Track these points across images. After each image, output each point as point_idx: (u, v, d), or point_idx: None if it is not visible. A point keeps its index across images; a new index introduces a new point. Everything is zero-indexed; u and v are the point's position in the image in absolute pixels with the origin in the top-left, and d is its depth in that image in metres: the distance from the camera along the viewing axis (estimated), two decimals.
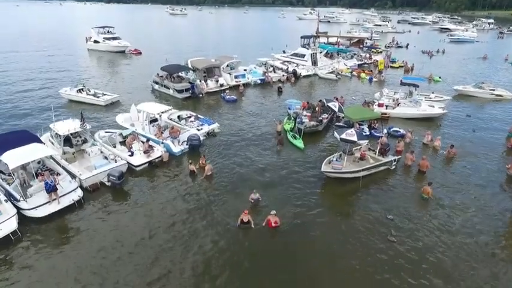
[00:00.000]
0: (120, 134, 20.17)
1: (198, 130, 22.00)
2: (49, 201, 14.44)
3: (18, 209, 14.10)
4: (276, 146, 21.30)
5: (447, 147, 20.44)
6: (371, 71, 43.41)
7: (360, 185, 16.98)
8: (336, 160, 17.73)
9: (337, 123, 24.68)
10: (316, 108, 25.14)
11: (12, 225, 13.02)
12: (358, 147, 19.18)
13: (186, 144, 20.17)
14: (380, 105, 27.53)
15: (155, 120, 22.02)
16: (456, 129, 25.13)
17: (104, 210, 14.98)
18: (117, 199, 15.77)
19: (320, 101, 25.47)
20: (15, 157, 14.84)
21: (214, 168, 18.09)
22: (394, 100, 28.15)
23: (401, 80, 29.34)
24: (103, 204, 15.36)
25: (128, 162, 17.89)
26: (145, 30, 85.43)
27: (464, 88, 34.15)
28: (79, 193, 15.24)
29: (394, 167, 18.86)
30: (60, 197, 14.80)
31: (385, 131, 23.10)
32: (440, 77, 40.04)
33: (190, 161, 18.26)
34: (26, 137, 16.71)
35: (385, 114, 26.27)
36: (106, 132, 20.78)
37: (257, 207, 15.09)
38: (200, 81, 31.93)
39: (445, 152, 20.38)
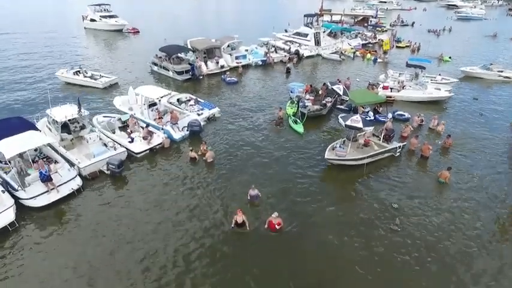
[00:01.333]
0: (119, 119, 19.67)
1: (199, 115, 21.48)
2: (47, 191, 14.17)
3: (17, 198, 13.85)
4: (274, 126, 21.00)
5: (444, 138, 19.57)
6: (375, 51, 42.21)
7: (364, 172, 16.66)
8: (340, 146, 17.30)
9: (338, 106, 24.10)
10: (320, 92, 24.44)
11: (9, 216, 12.79)
12: (363, 133, 18.72)
13: (187, 130, 19.70)
14: (385, 88, 26.82)
15: (154, 104, 21.45)
16: (463, 113, 24.52)
17: (103, 199, 14.73)
18: (117, 187, 15.50)
19: (324, 84, 24.74)
20: (11, 146, 14.43)
21: (215, 155, 17.74)
22: (399, 82, 27.40)
23: (407, 62, 28.47)
24: (103, 193, 15.10)
25: (127, 149, 17.53)
26: (143, 8, 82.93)
27: (472, 70, 33.23)
28: (78, 182, 14.96)
29: (398, 153, 18.45)
30: (60, 185, 14.54)
31: (390, 115, 22.54)
32: (450, 57, 39.03)
33: (191, 148, 17.86)
34: (21, 124, 16.27)
35: (390, 97, 25.57)
36: (104, 116, 20.26)
37: (256, 204, 14.30)
38: (196, 58, 30.90)
39: (441, 142, 19.55)
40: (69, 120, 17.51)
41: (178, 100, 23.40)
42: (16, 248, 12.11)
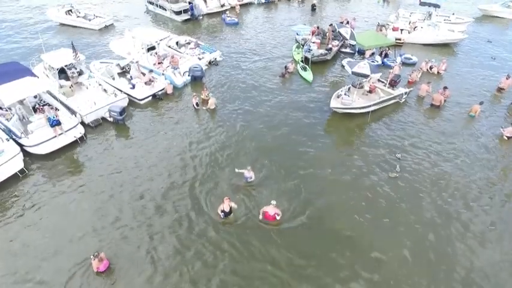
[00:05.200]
0: (118, 65, 18.95)
1: (200, 59, 20.67)
2: (52, 137, 14.19)
3: (21, 145, 13.96)
4: (279, 78, 20.08)
5: (439, 89, 18.36)
6: None
7: (369, 120, 16.50)
8: (345, 94, 16.90)
9: (342, 50, 23.04)
10: (327, 34, 23.16)
11: (18, 163, 13.04)
12: (368, 79, 18.12)
13: (188, 75, 19.12)
14: (395, 29, 25.34)
15: (153, 48, 20.51)
16: (474, 56, 23.41)
17: (107, 146, 14.93)
18: (120, 135, 15.59)
19: (331, 25, 23.29)
20: (9, 93, 14.23)
21: (217, 101, 17.48)
22: (410, 23, 25.79)
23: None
24: (106, 141, 15.22)
25: (129, 96, 17.23)
26: None
27: (490, 8, 30.95)
28: (80, 130, 14.92)
29: (404, 100, 18.08)
30: (62, 134, 14.52)
31: (398, 59, 21.64)
32: None
33: (194, 94, 17.56)
34: (18, 70, 15.84)
35: (399, 39, 24.28)
36: (101, 62, 19.54)
37: (251, 184, 12.99)
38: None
39: (437, 93, 18.22)
40: (65, 65, 16.95)
41: (177, 43, 22.34)
42: (28, 192, 12.61)
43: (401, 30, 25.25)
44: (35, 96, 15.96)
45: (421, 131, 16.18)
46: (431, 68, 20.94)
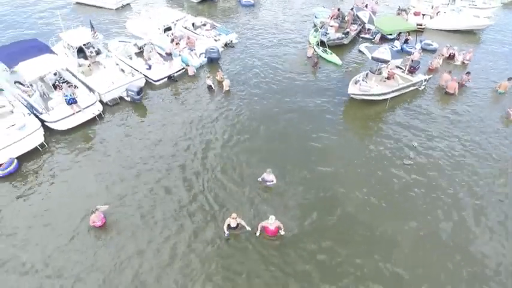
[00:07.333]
0: (135, 45, 19.01)
1: (216, 41, 20.54)
2: (71, 114, 14.51)
3: (42, 121, 14.33)
4: (312, 68, 19.38)
5: (453, 77, 17.61)
6: None
7: (387, 107, 16.24)
8: (363, 80, 16.59)
9: (362, 35, 22.52)
10: (346, 18, 22.60)
11: (38, 138, 13.47)
12: (386, 65, 17.70)
13: (205, 57, 19.08)
14: (416, 13, 24.53)
15: (169, 28, 20.43)
16: (499, 44, 22.56)
17: (124, 124, 15.19)
18: (137, 113, 15.81)
19: (352, 9, 22.68)
20: (30, 69, 14.54)
21: (231, 83, 17.43)
22: (433, 8, 24.87)
23: None
24: (123, 119, 15.47)
25: (145, 76, 17.35)
26: None
27: None
28: (99, 107, 15.22)
29: (423, 87, 17.68)
30: (80, 111, 14.80)
31: (418, 45, 21.02)
32: None
33: (208, 75, 17.56)
34: (38, 47, 16.00)
35: (421, 25, 23.55)
36: (120, 41, 19.61)
37: (270, 188, 12.28)
38: None
39: (460, 78, 17.81)
40: (84, 44, 17.12)
41: (193, 25, 22.20)
42: (48, 165, 13.12)
43: (423, 15, 24.44)
44: (55, 74, 16.25)
45: (438, 119, 15.87)
46: (452, 55, 20.28)
